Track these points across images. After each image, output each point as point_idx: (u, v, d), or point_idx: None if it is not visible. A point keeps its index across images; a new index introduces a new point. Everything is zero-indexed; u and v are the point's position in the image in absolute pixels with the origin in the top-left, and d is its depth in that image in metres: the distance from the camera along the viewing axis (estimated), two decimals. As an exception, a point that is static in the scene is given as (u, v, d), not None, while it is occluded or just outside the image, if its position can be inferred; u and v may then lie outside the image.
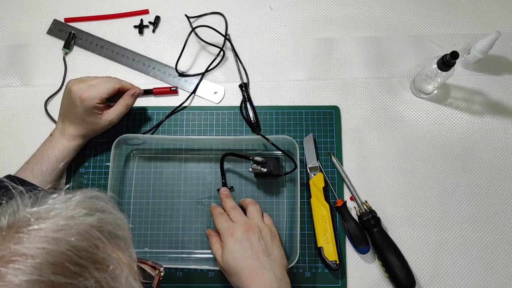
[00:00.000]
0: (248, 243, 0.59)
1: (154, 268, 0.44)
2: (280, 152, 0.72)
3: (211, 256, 0.71)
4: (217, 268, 0.70)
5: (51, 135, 0.71)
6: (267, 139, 0.68)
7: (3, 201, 0.33)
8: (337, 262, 0.68)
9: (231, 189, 0.73)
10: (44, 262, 0.29)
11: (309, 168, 0.73)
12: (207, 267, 0.70)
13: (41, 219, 0.31)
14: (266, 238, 0.61)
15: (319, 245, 0.69)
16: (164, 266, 0.69)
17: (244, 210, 0.66)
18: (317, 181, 0.72)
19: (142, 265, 0.43)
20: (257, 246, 0.59)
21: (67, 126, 0.70)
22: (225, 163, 0.73)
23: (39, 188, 0.59)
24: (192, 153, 0.75)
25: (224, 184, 0.72)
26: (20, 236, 0.30)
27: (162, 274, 0.44)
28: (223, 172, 0.72)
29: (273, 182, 0.74)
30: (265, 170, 0.68)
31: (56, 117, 0.77)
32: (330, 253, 0.69)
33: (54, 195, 0.34)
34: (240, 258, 0.58)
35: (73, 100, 0.68)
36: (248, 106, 0.77)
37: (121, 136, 0.70)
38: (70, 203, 0.34)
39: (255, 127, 0.75)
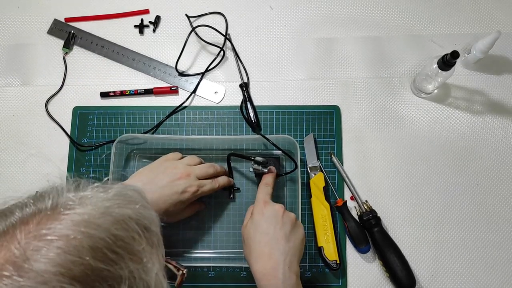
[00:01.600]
0: (274, 222, 0.59)
1: (178, 269, 0.45)
2: (281, 152, 0.72)
3: (211, 255, 0.71)
4: (218, 265, 0.70)
5: None
6: (267, 139, 0.68)
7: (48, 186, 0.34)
8: (338, 262, 0.68)
9: (237, 190, 0.73)
10: (85, 245, 0.30)
11: (309, 167, 0.73)
12: (207, 265, 0.70)
13: (84, 204, 0.32)
14: (293, 225, 0.60)
15: (319, 245, 0.69)
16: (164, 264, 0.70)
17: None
18: (317, 181, 0.72)
19: (168, 265, 0.44)
20: (280, 227, 0.58)
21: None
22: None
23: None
24: (192, 152, 0.75)
25: (234, 184, 0.73)
26: (64, 217, 0.31)
27: (185, 275, 0.44)
28: (231, 171, 0.73)
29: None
30: (266, 170, 0.68)
31: (56, 117, 0.78)
32: (331, 253, 0.69)
33: (94, 185, 0.35)
34: (260, 232, 0.58)
35: (175, 188, 0.62)
36: (249, 105, 0.77)
37: (122, 136, 0.70)
38: (108, 194, 0.35)
39: (255, 126, 0.75)
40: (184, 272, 0.45)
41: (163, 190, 0.61)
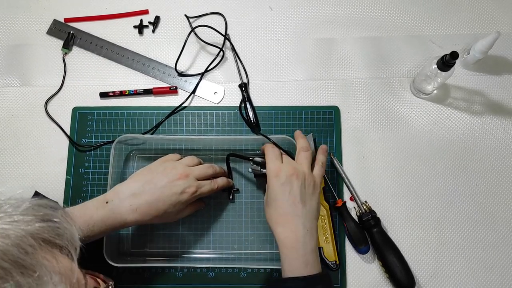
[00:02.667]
0: (288, 187, 0.59)
1: (105, 282, 0.45)
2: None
3: (211, 255, 0.71)
4: (217, 266, 0.70)
5: (107, 202, 0.60)
6: (268, 138, 0.68)
7: None
8: (337, 262, 0.68)
9: (237, 191, 0.73)
10: None
11: (309, 168, 0.73)
12: (206, 265, 0.70)
13: None
14: (308, 187, 0.60)
15: (319, 245, 0.69)
16: (164, 265, 0.70)
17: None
18: (317, 181, 0.72)
19: (94, 278, 0.45)
20: (296, 192, 0.59)
21: (143, 205, 0.60)
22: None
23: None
24: (191, 153, 0.74)
25: (233, 185, 0.72)
26: None
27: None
28: (230, 172, 0.73)
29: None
30: (265, 170, 0.68)
31: (55, 118, 0.78)
32: (330, 254, 0.69)
33: (3, 199, 0.36)
34: (277, 198, 0.59)
35: (177, 187, 0.62)
36: (248, 106, 0.77)
37: (121, 136, 0.70)
38: (15, 212, 0.35)
39: (254, 127, 0.75)
40: (111, 283, 0.45)
41: (162, 191, 0.61)
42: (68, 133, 0.77)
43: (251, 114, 0.76)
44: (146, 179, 0.63)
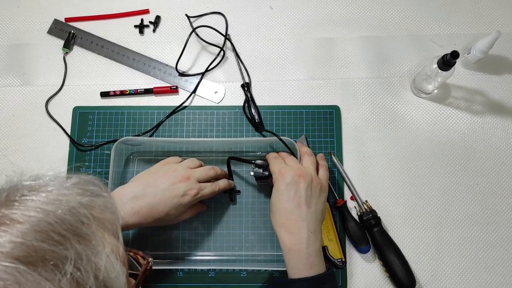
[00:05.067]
0: (294, 188, 0.59)
1: (144, 258, 0.46)
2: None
3: (211, 257, 0.71)
4: (217, 268, 0.70)
5: None
6: (276, 135, 0.68)
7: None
8: (343, 260, 0.69)
9: (238, 192, 0.73)
10: (30, 228, 0.31)
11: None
12: (207, 267, 0.70)
13: (35, 191, 0.34)
14: (314, 190, 0.60)
15: (323, 245, 0.69)
16: (164, 267, 0.70)
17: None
18: (316, 181, 0.72)
19: (134, 255, 0.46)
20: (302, 193, 0.59)
21: (144, 208, 0.61)
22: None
23: None
24: (192, 155, 0.75)
25: (234, 187, 0.72)
26: (14, 204, 0.33)
27: (150, 264, 0.46)
28: (231, 174, 0.73)
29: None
30: (267, 173, 0.68)
31: (56, 117, 0.78)
32: (335, 251, 0.69)
33: (51, 173, 0.37)
34: (282, 199, 0.59)
35: (178, 190, 0.62)
36: (252, 105, 0.77)
37: (121, 139, 0.70)
38: (66, 183, 0.36)
39: (258, 126, 0.75)
40: (150, 260, 0.46)
41: (164, 193, 0.61)
42: (69, 133, 0.77)
43: (255, 114, 0.76)
44: (147, 182, 0.63)
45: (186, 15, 0.83)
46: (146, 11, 0.84)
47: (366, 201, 0.73)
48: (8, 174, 0.36)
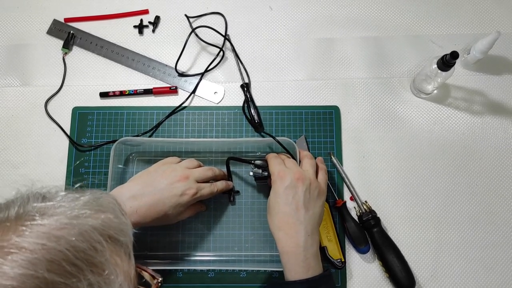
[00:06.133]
0: (293, 191, 0.59)
1: (153, 277, 0.44)
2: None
3: (211, 257, 0.71)
4: (217, 268, 0.70)
5: None
6: (273, 137, 0.68)
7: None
8: (342, 260, 0.69)
9: (237, 193, 0.73)
10: (41, 258, 0.29)
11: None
12: (207, 267, 0.70)
13: (46, 216, 0.32)
14: (313, 193, 0.60)
15: (322, 245, 0.69)
16: (164, 267, 0.70)
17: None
18: (315, 181, 0.72)
19: (142, 272, 0.44)
20: (300, 196, 0.59)
21: (142, 207, 0.61)
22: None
23: None
24: (191, 155, 0.75)
25: (233, 187, 0.72)
26: (23, 229, 0.30)
27: (160, 284, 0.44)
28: (230, 175, 0.72)
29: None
30: (266, 173, 0.68)
31: (55, 117, 0.78)
32: (334, 252, 0.69)
33: (63, 193, 0.35)
34: (280, 202, 0.59)
35: (176, 190, 0.62)
36: (251, 106, 0.77)
37: (121, 139, 0.70)
38: (77, 202, 0.34)
39: (258, 126, 0.75)
40: (160, 280, 0.44)
41: (162, 193, 0.61)
42: (68, 133, 0.77)
43: (254, 114, 0.76)
44: (146, 182, 0.63)
45: (186, 15, 0.83)
46: (145, 12, 0.84)
47: (365, 201, 0.73)
48: (18, 186, 0.34)
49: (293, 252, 0.57)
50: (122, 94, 0.79)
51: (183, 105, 0.78)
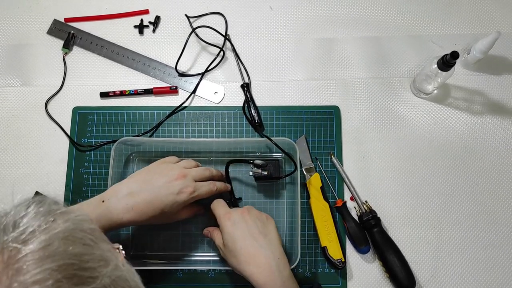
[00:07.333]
0: (244, 224, 0.60)
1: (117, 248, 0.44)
2: (280, 154, 0.72)
3: (211, 257, 0.71)
4: (217, 268, 0.70)
5: (103, 201, 0.60)
6: (269, 139, 0.68)
7: None
8: (343, 260, 0.69)
9: (239, 200, 0.73)
10: (60, 279, 0.29)
11: (305, 169, 0.73)
12: (207, 267, 0.70)
13: (26, 242, 0.31)
14: (262, 220, 0.62)
15: (322, 245, 0.69)
16: (164, 267, 0.70)
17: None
18: (314, 181, 0.72)
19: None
20: (253, 226, 0.60)
21: (139, 204, 0.60)
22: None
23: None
24: (192, 155, 0.75)
25: (232, 192, 0.72)
26: (18, 267, 0.29)
27: (122, 252, 0.44)
28: (229, 179, 0.72)
29: (273, 184, 0.74)
30: (266, 173, 0.68)
31: (55, 117, 0.78)
32: (335, 252, 0.69)
33: (23, 213, 0.33)
34: (238, 239, 0.59)
35: (173, 187, 0.62)
36: (251, 106, 0.77)
37: (121, 139, 0.70)
38: (39, 216, 0.33)
39: (258, 127, 0.75)
40: (118, 247, 0.44)
41: (160, 190, 0.61)
42: (69, 133, 0.77)
43: (254, 114, 0.76)
44: (143, 179, 0.63)
45: (186, 15, 0.83)
46: (145, 12, 0.84)
47: (366, 201, 0.73)
48: None
49: (269, 280, 0.57)
50: (122, 94, 0.79)
51: (183, 105, 0.78)
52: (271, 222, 0.63)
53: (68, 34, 0.82)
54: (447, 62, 0.66)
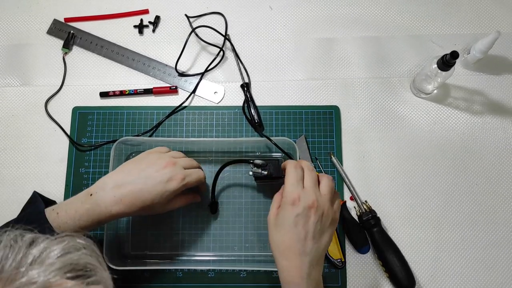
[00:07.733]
0: (303, 221, 0.55)
1: None
2: (280, 154, 0.72)
3: (211, 257, 0.71)
4: (216, 268, 0.70)
5: (91, 194, 0.59)
6: (269, 139, 0.68)
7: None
8: (342, 260, 0.68)
9: (216, 204, 0.73)
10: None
11: (305, 169, 0.73)
12: (207, 267, 0.70)
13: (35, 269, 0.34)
14: (324, 223, 0.56)
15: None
16: (164, 267, 0.70)
17: None
18: (315, 181, 0.72)
19: None
20: (310, 227, 0.55)
21: (127, 196, 0.58)
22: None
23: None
24: (192, 155, 0.74)
25: (213, 197, 0.71)
26: (24, 270, 0.33)
27: None
28: (213, 189, 0.71)
29: (273, 184, 0.74)
30: (265, 173, 0.68)
31: (55, 117, 0.78)
32: (335, 252, 0.69)
33: (28, 247, 0.35)
34: (287, 229, 0.55)
35: (161, 177, 0.60)
36: (251, 106, 0.77)
37: (121, 139, 0.70)
38: (48, 260, 0.35)
39: (258, 127, 0.75)
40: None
41: (146, 181, 0.59)
42: (68, 133, 0.77)
43: (254, 114, 0.76)
44: (130, 170, 0.61)
45: (186, 15, 0.83)
46: (145, 11, 0.84)
47: (365, 201, 0.73)
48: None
49: (295, 283, 0.54)
50: (122, 94, 0.79)
51: (183, 105, 0.78)
52: (332, 228, 0.57)
53: (68, 34, 0.82)
54: (447, 62, 0.66)
